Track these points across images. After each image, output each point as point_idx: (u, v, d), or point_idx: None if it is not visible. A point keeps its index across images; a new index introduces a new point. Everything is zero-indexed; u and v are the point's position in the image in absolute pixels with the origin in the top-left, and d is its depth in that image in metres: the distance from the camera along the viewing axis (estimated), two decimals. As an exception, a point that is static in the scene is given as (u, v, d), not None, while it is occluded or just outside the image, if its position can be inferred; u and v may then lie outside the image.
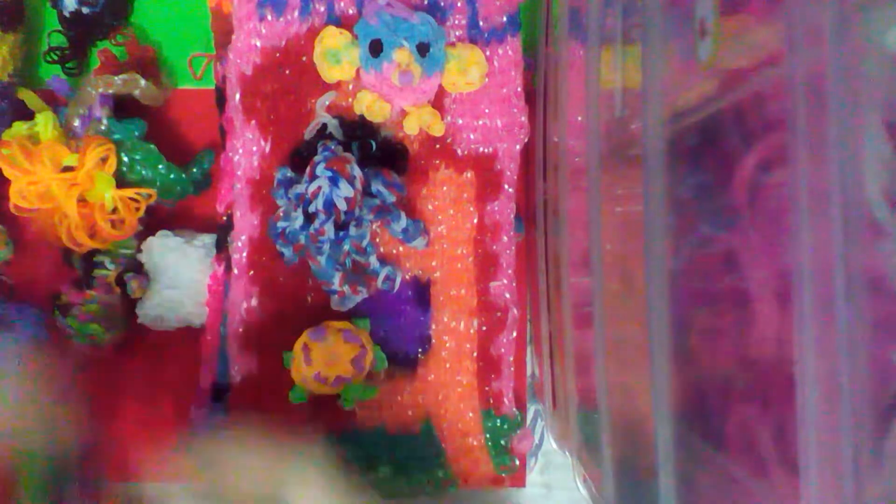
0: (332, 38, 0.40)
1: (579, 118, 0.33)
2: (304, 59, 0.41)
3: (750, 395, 0.23)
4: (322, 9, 0.41)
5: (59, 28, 0.44)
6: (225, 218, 0.43)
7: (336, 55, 0.40)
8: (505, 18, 0.42)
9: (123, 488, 0.44)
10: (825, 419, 0.18)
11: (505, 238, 0.43)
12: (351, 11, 0.41)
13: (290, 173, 0.41)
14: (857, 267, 0.18)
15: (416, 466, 0.43)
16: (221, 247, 0.43)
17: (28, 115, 0.41)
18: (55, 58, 0.44)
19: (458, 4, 0.42)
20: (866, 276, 0.18)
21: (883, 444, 0.18)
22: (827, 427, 0.18)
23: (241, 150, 0.42)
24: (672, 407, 0.24)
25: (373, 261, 0.41)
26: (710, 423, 0.24)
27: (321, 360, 0.39)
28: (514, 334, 0.44)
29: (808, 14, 0.18)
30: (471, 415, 0.43)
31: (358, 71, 0.40)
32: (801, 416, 0.18)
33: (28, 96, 0.42)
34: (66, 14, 0.43)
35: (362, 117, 0.41)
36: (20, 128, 0.41)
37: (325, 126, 0.42)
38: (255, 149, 0.42)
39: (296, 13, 0.41)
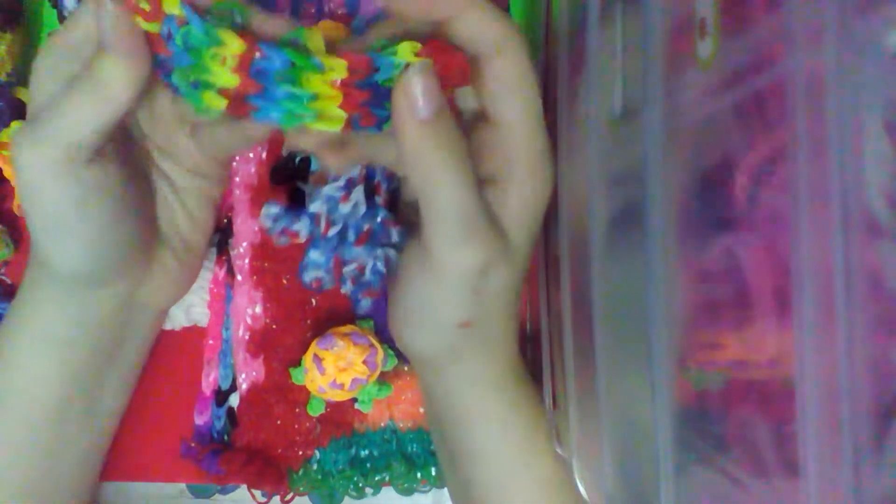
0: None
1: (578, 114, 0.33)
2: None
3: (750, 395, 0.23)
4: (312, 10, 0.41)
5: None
6: (226, 220, 0.43)
7: None
8: None
9: (123, 488, 0.44)
10: (825, 419, 0.18)
11: None
12: (341, 12, 0.41)
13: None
14: (857, 267, 0.18)
15: (428, 461, 0.43)
16: (222, 249, 0.43)
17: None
18: (54, 57, 0.44)
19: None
20: (866, 275, 0.18)
21: (883, 444, 0.18)
22: (827, 427, 0.18)
23: (237, 157, 0.42)
24: (672, 407, 0.24)
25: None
26: (710, 423, 0.24)
27: (335, 367, 0.39)
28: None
29: (808, 14, 0.18)
30: None
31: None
32: (800, 415, 0.18)
33: (27, 96, 0.42)
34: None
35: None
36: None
37: None
38: (251, 155, 0.41)
39: (286, 14, 0.41)
